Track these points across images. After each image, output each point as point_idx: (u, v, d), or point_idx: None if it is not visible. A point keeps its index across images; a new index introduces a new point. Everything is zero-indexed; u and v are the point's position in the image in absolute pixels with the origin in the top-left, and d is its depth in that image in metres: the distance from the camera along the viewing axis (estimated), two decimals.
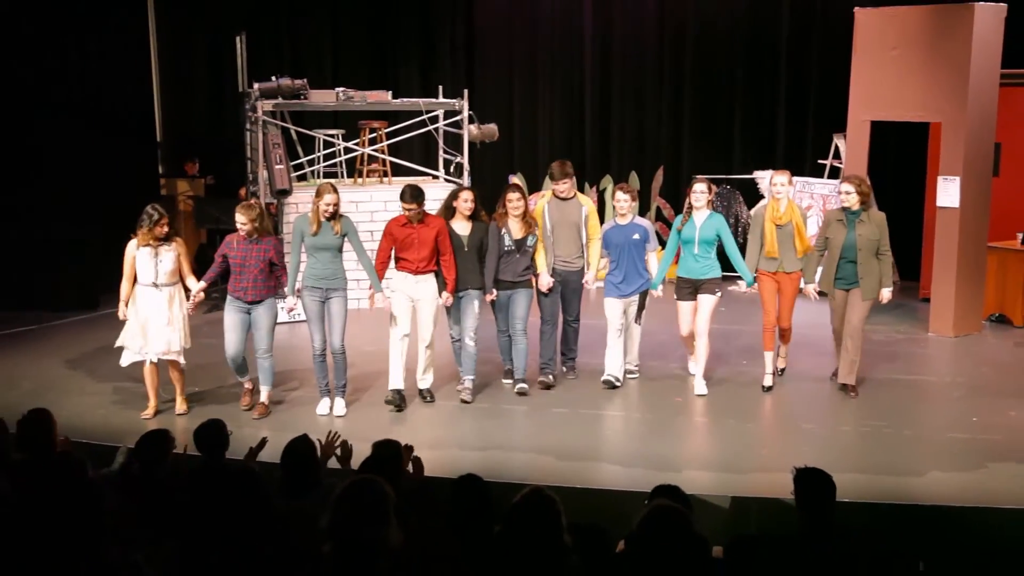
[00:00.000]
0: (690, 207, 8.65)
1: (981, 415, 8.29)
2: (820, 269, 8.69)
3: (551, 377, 8.91)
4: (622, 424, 8.30)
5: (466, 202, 8.45)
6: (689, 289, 8.56)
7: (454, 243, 8.36)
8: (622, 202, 8.61)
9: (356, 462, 5.54)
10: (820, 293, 8.83)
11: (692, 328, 8.63)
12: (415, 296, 8.35)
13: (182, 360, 8.27)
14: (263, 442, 5.96)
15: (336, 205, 8.08)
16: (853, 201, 8.27)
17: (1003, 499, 6.66)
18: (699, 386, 8.68)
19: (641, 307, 8.83)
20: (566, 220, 8.73)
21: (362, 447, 5.65)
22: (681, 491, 4.80)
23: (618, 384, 8.76)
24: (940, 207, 10.78)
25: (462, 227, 8.46)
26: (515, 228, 8.51)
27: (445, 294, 8.35)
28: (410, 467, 5.50)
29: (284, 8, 14.78)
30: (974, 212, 10.71)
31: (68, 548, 3.72)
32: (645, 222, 8.87)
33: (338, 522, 3.81)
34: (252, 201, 8.26)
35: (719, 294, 8.62)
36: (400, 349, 8.32)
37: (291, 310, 8.41)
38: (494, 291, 8.53)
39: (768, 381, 8.83)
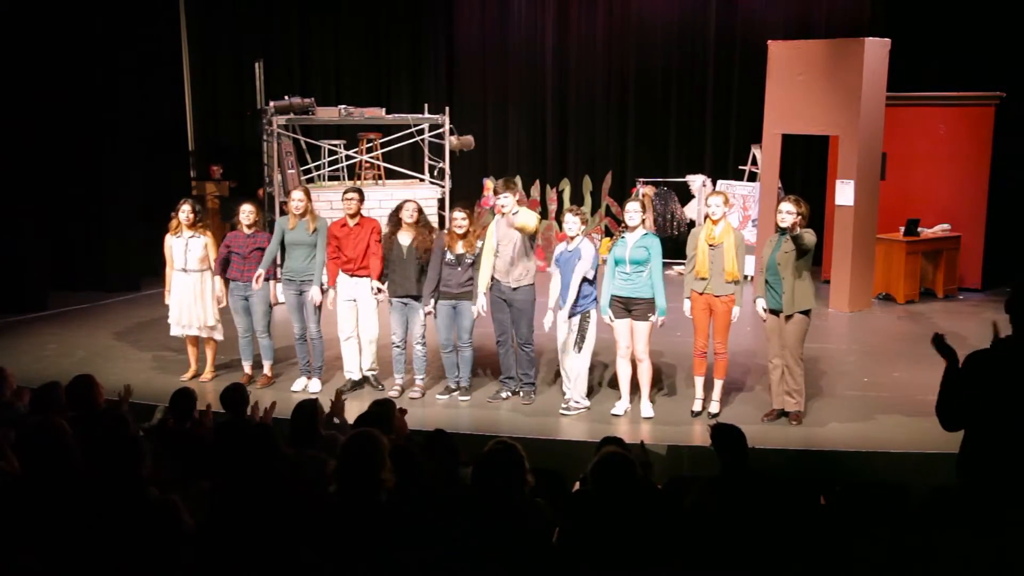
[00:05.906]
0: (624, 226, 7.16)
1: (871, 376, 8.34)
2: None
3: (507, 394, 7.65)
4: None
5: (409, 212, 7.55)
6: (623, 307, 7.11)
7: (395, 253, 7.53)
8: (571, 224, 7.12)
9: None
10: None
11: (630, 349, 7.19)
12: (354, 295, 7.73)
13: (216, 335, 8.16)
14: (271, 406, 5.84)
15: (303, 202, 7.74)
16: (789, 223, 6.68)
17: (888, 445, 6.71)
18: (645, 409, 7.27)
19: (581, 336, 7.15)
20: (508, 236, 7.30)
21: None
22: (623, 441, 4.79)
23: (568, 413, 7.36)
24: (838, 205, 10.81)
25: (405, 237, 7.55)
26: (457, 245, 7.43)
27: (375, 284, 7.63)
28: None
29: (295, 39, 14.62)
30: (865, 209, 10.76)
31: (113, 488, 3.69)
32: (588, 247, 7.14)
33: (344, 466, 3.79)
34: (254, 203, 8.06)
35: (652, 319, 7.06)
36: (349, 348, 7.88)
37: (258, 280, 7.74)
38: (431, 304, 7.48)
39: (697, 407, 7.34)
